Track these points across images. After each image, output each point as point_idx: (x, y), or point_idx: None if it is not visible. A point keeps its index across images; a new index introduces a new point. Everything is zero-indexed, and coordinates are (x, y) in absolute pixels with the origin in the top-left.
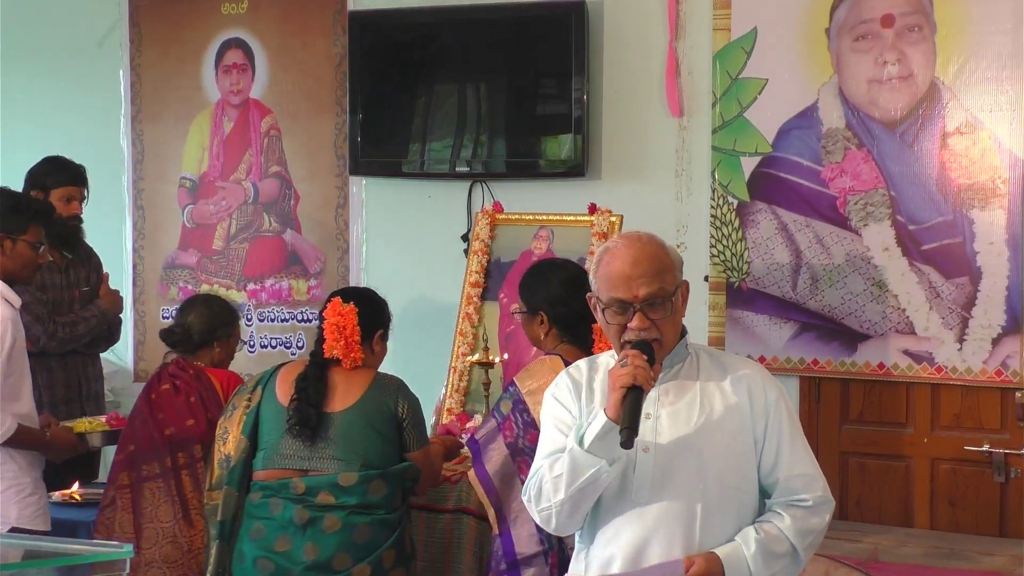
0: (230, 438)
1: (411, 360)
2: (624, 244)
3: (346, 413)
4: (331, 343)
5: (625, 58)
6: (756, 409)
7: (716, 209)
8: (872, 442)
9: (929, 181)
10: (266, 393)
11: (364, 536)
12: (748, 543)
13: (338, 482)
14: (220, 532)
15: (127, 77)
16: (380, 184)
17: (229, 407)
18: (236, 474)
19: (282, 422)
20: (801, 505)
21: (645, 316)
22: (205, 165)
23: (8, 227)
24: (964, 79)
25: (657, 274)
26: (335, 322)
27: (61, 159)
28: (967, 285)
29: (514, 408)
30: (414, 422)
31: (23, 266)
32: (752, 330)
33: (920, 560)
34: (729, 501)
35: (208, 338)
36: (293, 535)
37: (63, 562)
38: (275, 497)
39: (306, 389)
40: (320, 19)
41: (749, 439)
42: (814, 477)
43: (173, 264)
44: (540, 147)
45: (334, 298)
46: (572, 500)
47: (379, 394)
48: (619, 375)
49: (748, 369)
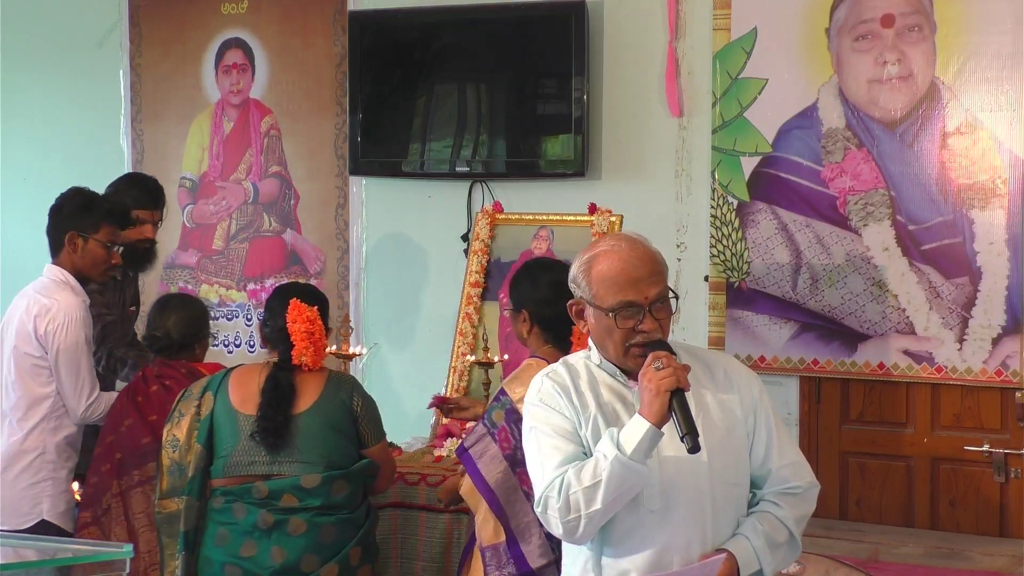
0: (180, 446)
1: (411, 360)
2: (627, 246)
3: (305, 415)
4: (301, 349)
5: (625, 58)
6: (745, 402)
7: (716, 209)
8: (872, 442)
9: (929, 181)
10: (219, 399)
11: (330, 536)
12: (755, 536)
13: (301, 484)
14: (184, 543)
15: (127, 77)
16: (380, 184)
17: (175, 413)
18: (196, 483)
19: (240, 428)
20: (793, 492)
21: (653, 317)
22: (205, 165)
23: (80, 226)
24: (964, 79)
25: (660, 274)
26: (304, 328)
27: (138, 176)
28: (967, 285)
29: (507, 418)
30: (369, 417)
31: (93, 264)
32: (752, 330)
33: (920, 560)
34: (730, 497)
35: (189, 342)
36: (259, 540)
37: (63, 562)
38: (238, 502)
39: (277, 398)
40: (320, 19)
41: (742, 433)
42: (801, 464)
43: (173, 264)
44: (540, 147)
45: (291, 299)
46: (607, 509)
47: (335, 392)
48: (661, 379)
49: (729, 363)
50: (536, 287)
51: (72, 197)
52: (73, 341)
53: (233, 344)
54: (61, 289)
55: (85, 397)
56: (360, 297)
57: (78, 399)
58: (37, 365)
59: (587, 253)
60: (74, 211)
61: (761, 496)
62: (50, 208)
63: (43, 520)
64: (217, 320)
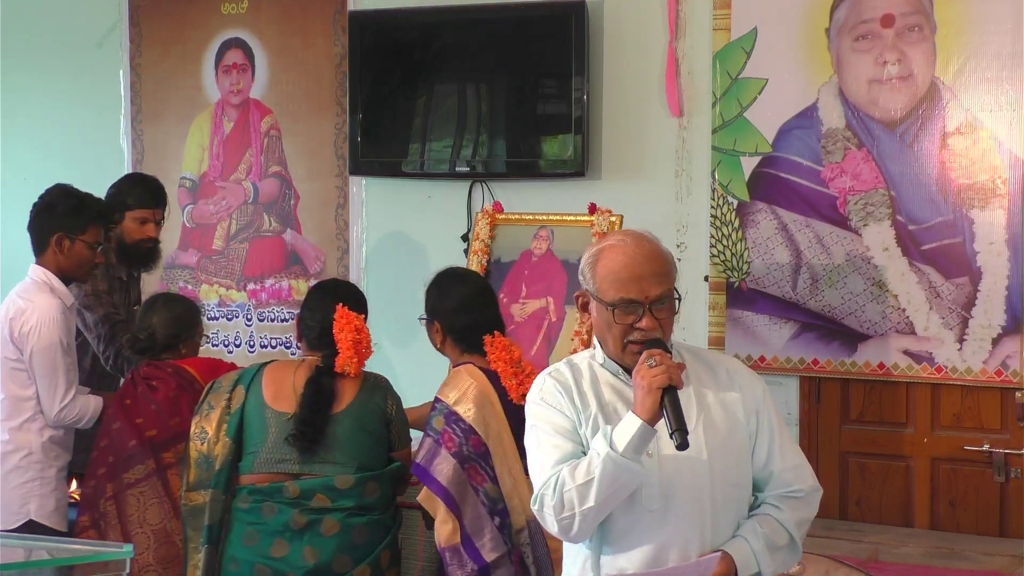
0: (209, 438)
1: (411, 360)
2: (633, 242)
3: (340, 416)
4: (347, 357)
5: (625, 58)
6: (748, 404)
7: (716, 209)
8: (872, 442)
9: (929, 181)
10: (251, 394)
11: (363, 537)
12: (754, 538)
13: (334, 484)
14: (208, 536)
15: (127, 77)
16: (380, 184)
17: (204, 405)
18: (223, 477)
19: (270, 426)
20: (795, 496)
21: (652, 316)
22: (205, 165)
23: (68, 226)
24: (964, 79)
25: (666, 274)
26: (352, 337)
27: (139, 175)
28: (967, 285)
29: (447, 421)
30: (401, 420)
31: (79, 265)
32: (752, 330)
33: (920, 560)
34: (731, 498)
35: (173, 342)
36: (290, 540)
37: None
38: (268, 502)
39: (318, 402)
40: (320, 19)
41: (745, 434)
42: (803, 467)
43: (173, 264)
44: (540, 147)
45: (338, 304)
46: (601, 507)
47: (370, 394)
48: (654, 376)
49: (731, 364)
50: (446, 298)
51: (64, 198)
52: (46, 343)
53: (233, 344)
54: (40, 291)
55: (59, 399)
56: None
57: (52, 401)
58: (15, 368)
59: (595, 247)
60: (64, 212)
61: (763, 499)
62: (36, 206)
63: (30, 520)
64: (217, 320)
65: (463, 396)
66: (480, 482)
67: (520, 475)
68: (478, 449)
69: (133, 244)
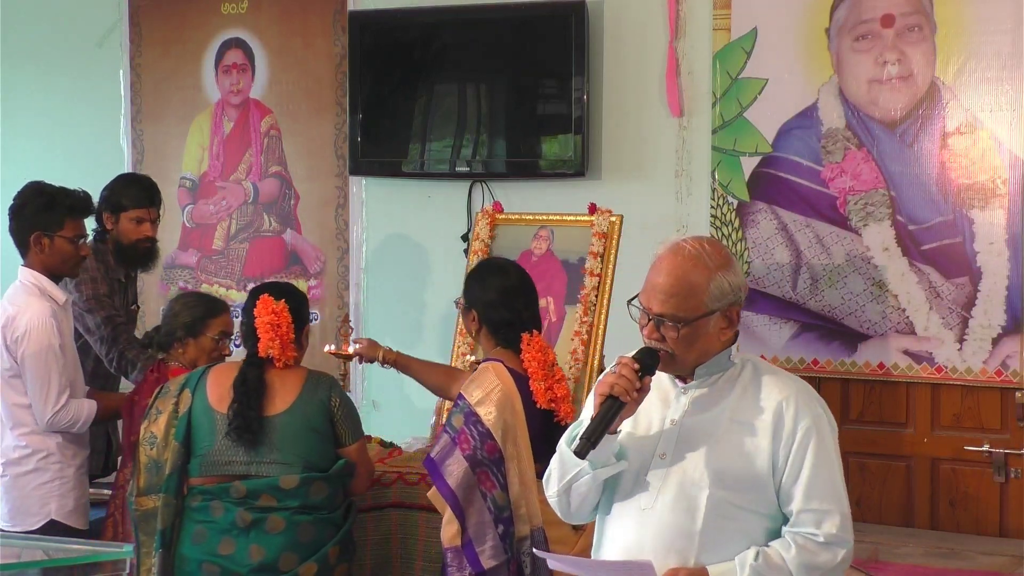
0: (158, 443)
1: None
2: (669, 252)
3: (284, 415)
4: (266, 342)
5: (625, 58)
6: (781, 434)
7: (716, 209)
8: (872, 442)
9: (929, 181)
10: (197, 397)
11: (309, 535)
12: (743, 566)
13: (279, 484)
14: (161, 541)
15: (127, 77)
16: (380, 184)
17: (153, 410)
18: (173, 481)
19: (217, 427)
20: (811, 539)
21: (656, 329)
22: (205, 165)
23: (43, 224)
24: (964, 79)
25: (676, 296)
26: (269, 320)
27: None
28: (967, 285)
29: (466, 421)
30: (346, 415)
31: (63, 261)
32: (752, 330)
33: (920, 560)
34: (735, 520)
35: (169, 339)
36: (236, 537)
37: (63, 562)
38: (216, 501)
39: (246, 393)
40: (320, 19)
41: (766, 462)
42: (830, 513)
43: (173, 264)
44: (540, 147)
45: (261, 295)
46: (563, 494)
47: (314, 391)
48: (603, 381)
49: (788, 390)
50: (485, 289)
51: (33, 197)
52: (37, 348)
53: (233, 344)
54: (28, 295)
55: (51, 404)
56: (360, 297)
57: (44, 406)
58: (14, 377)
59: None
60: (36, 211)
61: (784, 533)
62: (10, 209)
63: (52, 520)
64: None
65: (486, 397)
66: (490, 488)
67: (531, 481)
68: (492, 455)
69: (130, 244)
